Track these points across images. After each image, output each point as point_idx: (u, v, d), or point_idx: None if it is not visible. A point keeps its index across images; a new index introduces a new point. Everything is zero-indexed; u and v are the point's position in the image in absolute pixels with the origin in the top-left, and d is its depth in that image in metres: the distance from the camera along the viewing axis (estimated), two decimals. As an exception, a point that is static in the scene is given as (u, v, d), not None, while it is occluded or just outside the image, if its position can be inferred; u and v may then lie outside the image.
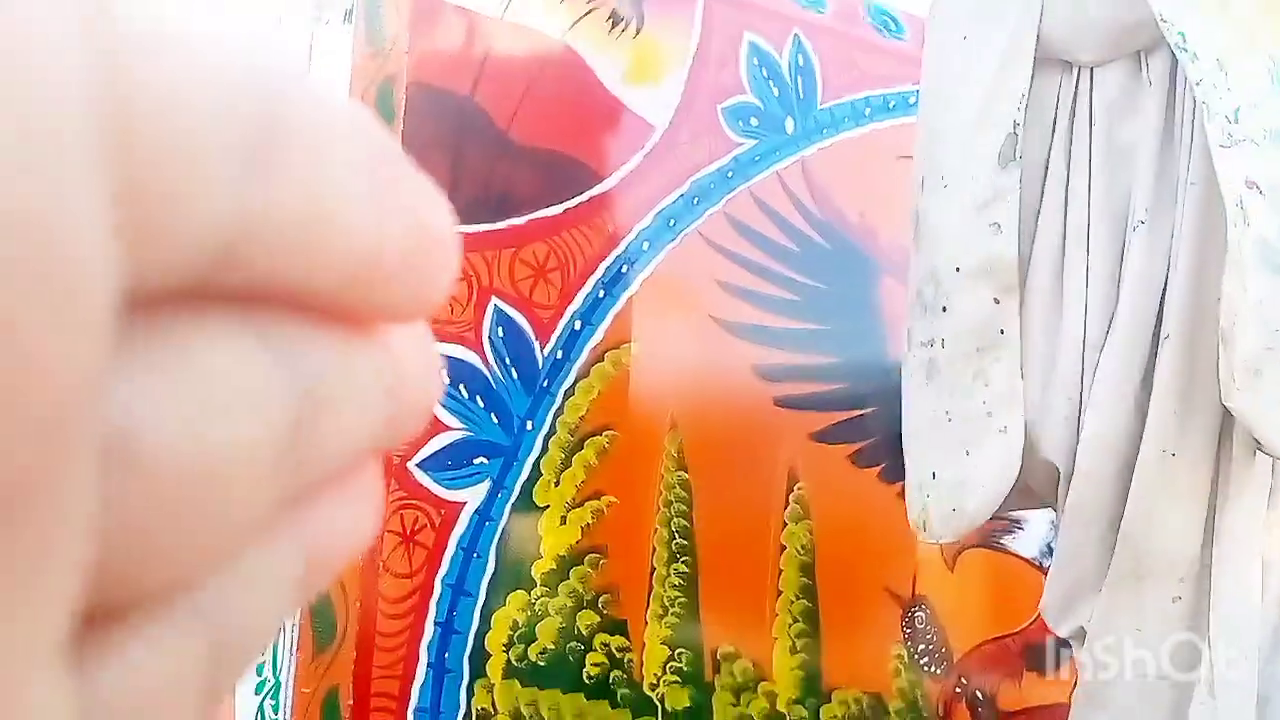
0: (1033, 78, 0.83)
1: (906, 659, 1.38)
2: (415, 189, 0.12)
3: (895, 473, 1.37)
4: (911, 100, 1.40)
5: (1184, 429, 0.76)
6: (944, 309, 0.86)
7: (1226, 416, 0.74)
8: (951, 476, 0.85)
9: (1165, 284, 0.77)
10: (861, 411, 1.35)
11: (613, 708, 1.14)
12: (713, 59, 1.24)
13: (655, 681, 1.17)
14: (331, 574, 0.12)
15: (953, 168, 0.87)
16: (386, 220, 0.11)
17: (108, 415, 0.08)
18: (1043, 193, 0.84)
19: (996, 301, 0.84)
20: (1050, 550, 1.50)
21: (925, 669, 1.39)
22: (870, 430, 1.35)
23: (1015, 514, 1.47)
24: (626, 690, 1.15)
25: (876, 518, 1.35)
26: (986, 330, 0.85)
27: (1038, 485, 0.85)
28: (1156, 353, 0.77)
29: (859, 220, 1.35)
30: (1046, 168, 0.85)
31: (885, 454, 1.36)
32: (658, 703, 1.17)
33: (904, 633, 1.38)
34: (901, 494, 1.36)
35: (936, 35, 0.94)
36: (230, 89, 0.09)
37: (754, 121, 1.27)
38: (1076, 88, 0.84)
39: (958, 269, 0.85)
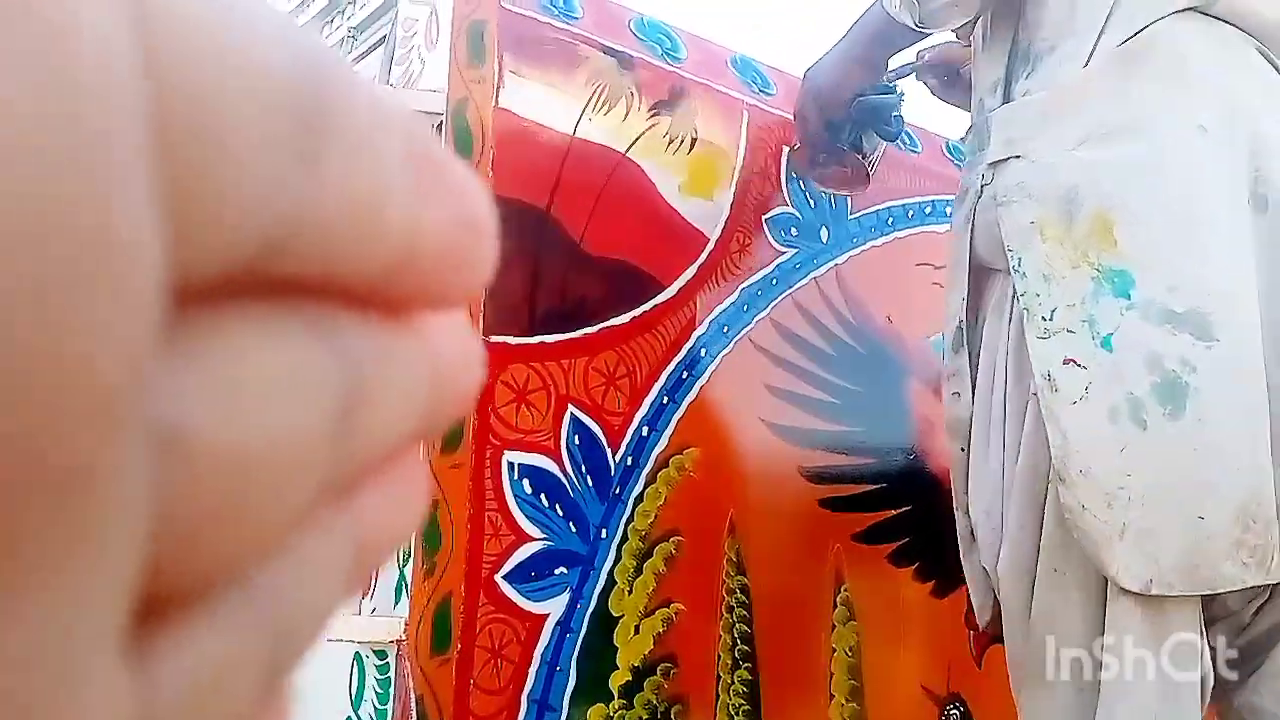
0: (974, 284, 1.06)
1: (943, 756, 1.39)
2: (455, 179, 0.12)
3: (928, 571, 1.40)
4: (928, 210, 1.48)
5: (1068, 550, 0.91)
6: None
7: None
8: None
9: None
10: (896, 511, 1.38)
11: (686, 819, 1.12)
12: (756, 172, 1.29)
13: (725, 790, 1.15)
14: (381, 561, 0.12)
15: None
16: (427, 211, 0.11)
17: (157, 406, 0.08)
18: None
19: (962, 450, 1.08)
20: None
21: (959, 765, 1.40)
22: (904, 530, 1.38)
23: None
24: (699, 800, 1.13)
25: (913, 616, 1.38)
26: (958, 473, 1.09)
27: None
28: (1047, 492, 0.94)
29: (886, 325, 1.40)
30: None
31: (919, 553, 1.39)
32: (727, 813, 1.15)
33: (939, 730, 1.40)
34: (933, 592, 1.41)
35: None
36: (275, 78, 0.09)
37: (794, 231, 1.32)
38: (1006, 290, 1.01)
39: (947, 428, 1.11)
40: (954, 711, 1.40)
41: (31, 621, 0.07)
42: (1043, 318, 0.91)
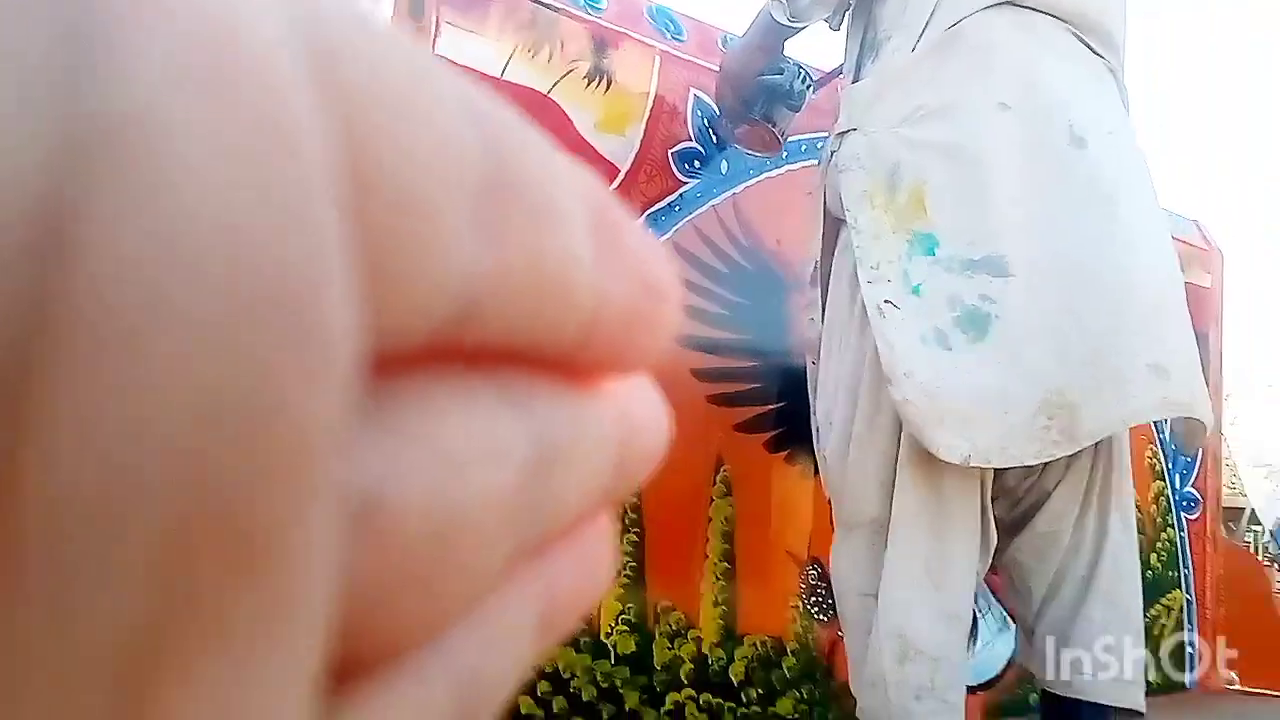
0: (827, 230, 1.25)
1: (802, 609, 1.67)
2: (635, 241, 0.12)
3: (798, 457, 1.66)
4: (819, 146, 1.67)
5: (872, 433, 1.14)
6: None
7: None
8: None
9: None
10: (773, 406, 1.62)
11: (576, 652, 1.38)
12: (666, 111, 1.47)
13: (609, 630, 1.42)
14: (570, 621, 0.13)
15: None
16: (609, 273, 0.11)
17: (353, 474, 0.08)
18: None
19: (814, 364, 1.31)
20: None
21: (816, 617, 1.69)
22: (780, 422, 1.63)
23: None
24: (587, 638, 1.39)
25: (783, 494, 1.64)
26: (812, 382, 1.32)
27: None
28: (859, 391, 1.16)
29: (775, 247, 1.61)
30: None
31: (791, 441, 1.64)
32: (610, 647, 1.42)
33: (800, 588, 1.67)
34: (802, 474, 1.66)
35: None
36: (462, 146, 0.09)
37: (696, 164, 1.51)
38: (849, 236, 1.19)
39: (806, 347, 1.36)
40: (812, 572, 1.67)
41: (218, 690, 0.07)
42: (871, 266, 1.11)
